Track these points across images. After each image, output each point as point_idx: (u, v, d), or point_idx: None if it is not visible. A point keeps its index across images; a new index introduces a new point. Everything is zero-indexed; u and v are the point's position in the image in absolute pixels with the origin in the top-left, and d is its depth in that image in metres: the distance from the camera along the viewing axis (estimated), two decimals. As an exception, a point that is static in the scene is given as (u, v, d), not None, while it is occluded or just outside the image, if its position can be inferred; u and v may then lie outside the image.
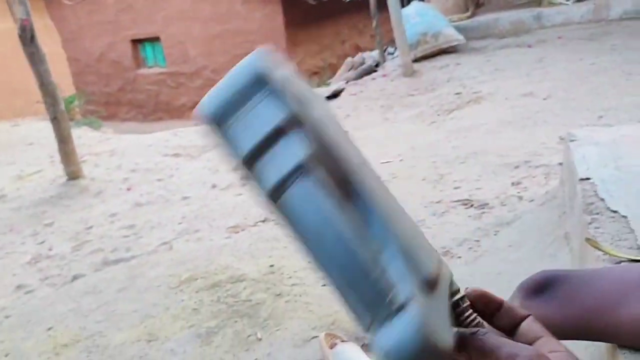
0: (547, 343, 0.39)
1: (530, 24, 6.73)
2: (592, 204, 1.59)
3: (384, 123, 4.80)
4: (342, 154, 0.36)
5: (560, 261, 1.85)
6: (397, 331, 0.32)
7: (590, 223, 1.50)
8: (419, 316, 0.32)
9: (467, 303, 0.40)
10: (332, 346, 1.73)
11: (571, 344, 0.44)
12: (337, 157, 0.35)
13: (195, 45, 9.98)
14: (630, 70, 4.54)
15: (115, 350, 2.07)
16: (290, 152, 0.34)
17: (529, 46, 6.04)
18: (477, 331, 0.37)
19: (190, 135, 5.27)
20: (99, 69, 10.90)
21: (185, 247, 2.93)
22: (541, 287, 0.78)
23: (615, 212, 1.51)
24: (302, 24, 9.55)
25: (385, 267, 0.33)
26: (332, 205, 0.34)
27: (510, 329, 0.40)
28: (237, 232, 3.03)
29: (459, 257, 2.34)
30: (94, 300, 2.46)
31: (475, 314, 0.40)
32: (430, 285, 0.35)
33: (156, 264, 2.73)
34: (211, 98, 0.37)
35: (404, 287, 0.33)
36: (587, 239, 1.39)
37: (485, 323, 0.40)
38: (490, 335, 0.37)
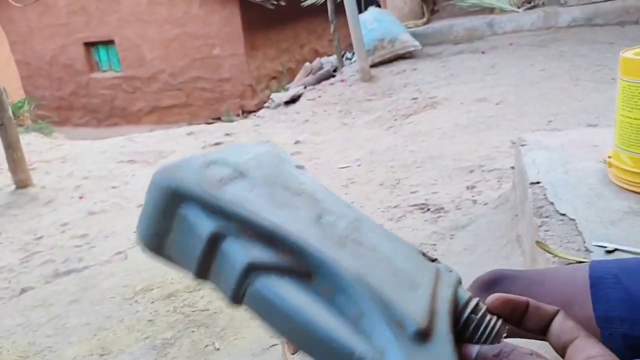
0: (584, 346, 0.36)
1: (483, 31, 6.91)
2: (542, 207, 1.63)
3: (342, 128, 4.82)
4: (284, 233, 0.34)
5: (513, 263, 1.89)
6: None
7: (540, 226, 1.54)
8: None
9: (482, 310, 0.37)
10: (294, 352, 1.72)
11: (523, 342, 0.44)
12: (282, 238, 0.34)
13: (151, 49, 9.79)
14: (578, 76, 4.70)
15: (66, 365, 2.00)
16: (233, 259, 0.33)
17: (483, 52, 6.19)
18: (499, 352, 0.34)
19: (147, 140, 5.16)
20: (51, 72, 10.56)
21: (141, 256, 2.85)
22: (491, 286, 0.79)
23: (563, 215, 1.56)
24: (260, 28, 9.51)
25: (369, 334, 0.32)
26: (293, 293, 0.32)
27: (542, 329, 0.38)
28: (195, 240, 2.98)
29: (416, 261, 2.37)
30: (44, 314, 2.37)
31: (495, 321, 0.37)
32: (421, 335, 0.32)
33: (110, 275, 2.65)
34: (139, 228, 0.36)
35: (393, 347, 0.31)
36: (537, 242, 1.43)
37: (510, 326, 0.38)
38: (516, 354, 0.34)
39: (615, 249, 1.33)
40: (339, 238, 0.36)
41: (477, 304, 0.37)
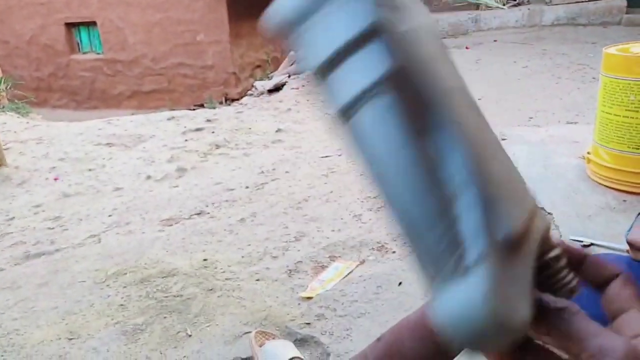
0: (636, 321, 0.32)
1: (468, 27, 6.92)
2: (520, 200, 1.63)
3: (325, 118, 4.79)
4: (429, 77, 0.30)
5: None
6: (460, 297, 0.27)
7: (517, 219, 1.54)
8: (487, 283, 0.27)
9: (561, 264, 0.34)
10: (261, 344, 1.70)
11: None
12: (423, 79, 0.29)
13: (134, 32, 9.62)
14: (559, 74, 4.74)
15: (33, 349, 1.95)
16: (369, 67, 0.29)
17: (467, 48, 6.20)
18: (564, 309, 0.32)
19: (126, 124, 5.07)
20: (29, 52, 10.32)
21: (114, 240, 2.80)
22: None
23: (541, 209, 1.55)
24: (246, 16, 9.40)
25: (457, 217, 0.28)
26: (405, 135, 0.29)
27: (598, 285, 0.35)
28: (171, 225, 2.94)
29: (394, 252, 2.36)
30: (12, 296, 2.31)
31: (570, 278, 0.34)
32: (511, 245, 0.29)
33: (82, 258, 2.60)
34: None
35: (476, 244, 0.28)
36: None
37: (579, 288, 0.35)
38: (580, 318, 0.31)
39: (591, 244, 1.33)
40: (472, 112, 0.32)
41: (558, 255, 0.34)
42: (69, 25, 10.06)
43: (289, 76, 6.51)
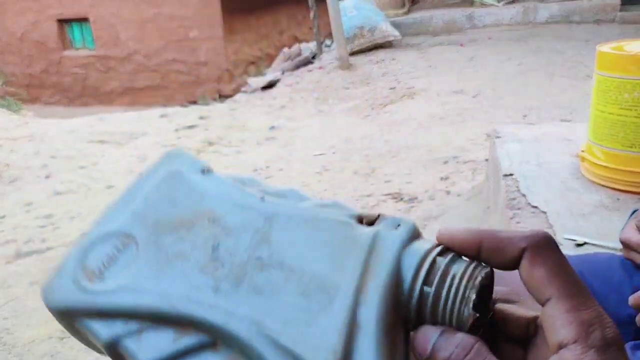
0: (555, 322, 0.25)
1: (462, 24, 6.92)
2: (514, 199, 1.62)
3: (318, 115, 4.78)
4: (169, 309, 0.31)
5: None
6: None
7: (512, 218, 1.54)
8: None
9: (438, 275, 0.28)
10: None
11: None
12: (169, 314, 0.31)
13: (126, 28, 9.57)
14: (553, 71, 4.75)
15: (24, 348, 1.94)
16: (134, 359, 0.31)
17: (461, 45, 6.20)
18: (450, 355, 0.26)
19: (118, 121, 5.04)
20: (21, 48, 10.24)
21: (106, 238, 2.78)
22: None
23: (535, 207, 1.55)
24: (239, 12, 9.36)
25: None
26: None
27: (506, 268, 0.28)
28: (164, 224, 2.92)
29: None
30: (3, 295, 2.29)
31: (459, 280, 0.28)
32: None
33: (74, 257, 2.58)
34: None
35: None
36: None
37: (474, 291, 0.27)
38: (478, 353, 0.26)
39: (585, 242, 1.32)
40: (236, 273, 0.31)
41: (431, 265, 0.28)
42: (61, 22, 9.99)
43: (283, 73, 6.49)
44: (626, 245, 0.89)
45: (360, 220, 0.31)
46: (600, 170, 1.63)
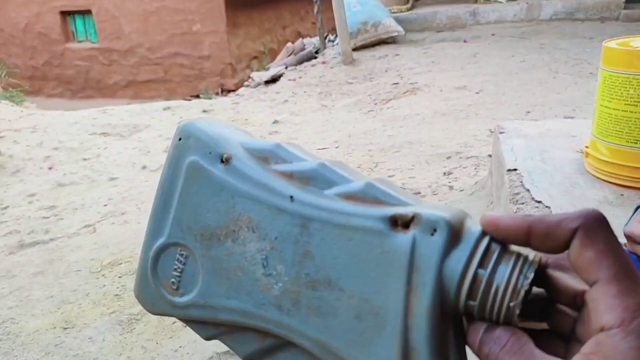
0: (599, 305, 0.25)
1: (466, 20, 6.90)
2: (518, 194, 1.63)
3: (321, 110, 4.78)
4: (246, 320, 0.35)
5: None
6: None
7: (515, 212, 1.54)
8: None
9: (486, 276, 0.28)
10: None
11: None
12: (246, 324, 0.35)
13: (129, 21, 9.55)
14: (556, 68, 4.74)
15: (28, 337, 1.95)
16: (234, 352, 0.37)
17: (465, 41, 6.19)
18: (502, 346, 0.27)
19: (121, 113, 5.04)
20: (24, 40, 10.23)
21: (110, 230, 2.79)
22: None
23: (539, 202, 1.55)
24: (243, 7, 9.34)
25: None
26: None
27: (558, 251, 0.27)
28: (166, 216, 2.92)
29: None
30: (7, 285, 2.30)
31: (508, 279, 0.28)
32: None
33: (77, 248, 2.59)
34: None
35: None
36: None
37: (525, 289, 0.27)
38: (526, 352, 0.26)
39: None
40: (292, 292, 0.32)
41: (473, 279, 0.28)
42: (64, 14, 9.98)
43: (286, 67, 6.49)
44: (630, 238, 0.89)
45: (394, 222, 0.30)
46: (605, 166, 1.63)
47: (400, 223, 0.30)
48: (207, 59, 9.39)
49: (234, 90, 7.50)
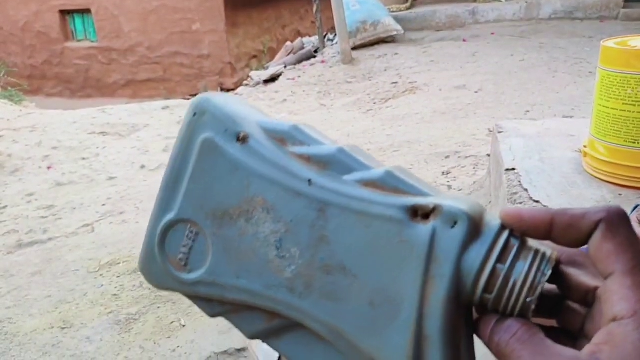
0: (612, 297, 0.25)
1: (465, 19, 6.90)
2: (516, 193, 1.62)
3: (320, 109, 4.77)
4: (254, 300, 0.34)
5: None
6: None
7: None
8: None
9: (505, 269, 0.28)
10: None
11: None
12: (254, 304, 0.34)
13: (129, 20, 9.55)
14: (556, 68, 4.73)
15: (26, 337, 1.94)
16: (243, 331, 0.36)
17: (464, 40, 6.18)
18: (513, 334, 0.27)
19: (120, 113, 5.03)
20: (23, 39, 10.23)
21: (108, 229, 2.79)
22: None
23: (537, 202, 1.55)
24: (242, 6, 9.33)
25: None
26: (295, 348, 0.34)
27: (578, 244, 0.28)
28: (165, 215, 2.92)
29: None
30: (5, 285, 2.30)
31: (526, 274, 0.28)
32: None
33: (75, 247, 2.58)
34: None
35: None
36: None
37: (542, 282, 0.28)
38: (535, 341, 0.26)
39: (587, 237, 1.32)
40: (305, 275, 0.32)
41: (491, 273, 0.28)
42: (64, 13, 9.98)
43: (285, 66, 6.48)
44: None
45: (415, 212, 0.30)
46: (603, 165, 1.63)
47: (420, 214, 0.30)
48: (207, 58, 9.39)
49: (233, 90, 7.50)
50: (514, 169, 1.75)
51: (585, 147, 1.73)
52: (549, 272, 0.28)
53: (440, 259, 0.29)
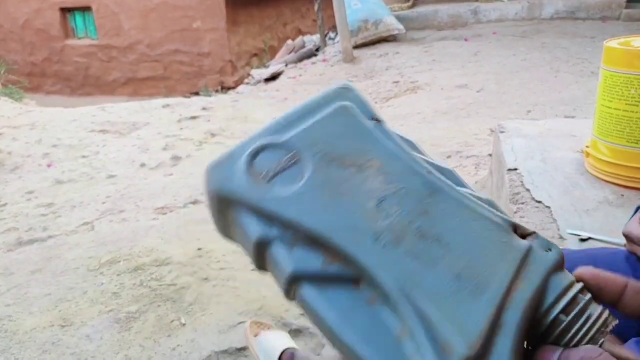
0: None
1: (467, 18, 6.89)
2: (518, 193, 1.62)
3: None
4: (329, 237, 0.32)
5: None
6: None
7: (515, 212, 1.53)
8: None
9: (579, 307, 0.32)
10: (256, 334, 1.69)
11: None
12: (327, 241, 0.32)
13: (129, 18, 9.53)
14: (558, 67, 4.73)
15: (25, 335, 1.94)
16: (279, 265, 0.33)
17: (466, 40, 6.18)
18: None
19: (120, 111, 5.02)
20: (23, 36, 10.21)
21: (108, 227, 2.78)
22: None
23: (539, 202, 1.55)
24: (243, 4, 9.32)
25: (408, 356, 0.29)
26: (336, 303, 0.31)
27: None
28: (165, 214, 2.92)
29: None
30: (4, 283, 2.29)
31: (594, 319, 0.31)
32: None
33: (75, 245, 2.58)
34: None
35: None
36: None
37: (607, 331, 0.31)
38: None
39: (589, 238, 1.32)
40: (397, 231, 0.33)
41: (574, 297, 0.32)
42: (64, 10, 9.96)
43: (286, 65, 6.47)
44: (629, 238, 0.89)
45: (514, 228, 0.34)
46: (605, 166, 1.63)
47: (519, 232, 0.34)
48: (207, 56, 9.38)
49: (233, 88, 7.49)
50: (516, 169, 1.75)
51: (587, 147, 1.72)
52: (616, 321, 0.32)
53: (532, 268, 0.32)
